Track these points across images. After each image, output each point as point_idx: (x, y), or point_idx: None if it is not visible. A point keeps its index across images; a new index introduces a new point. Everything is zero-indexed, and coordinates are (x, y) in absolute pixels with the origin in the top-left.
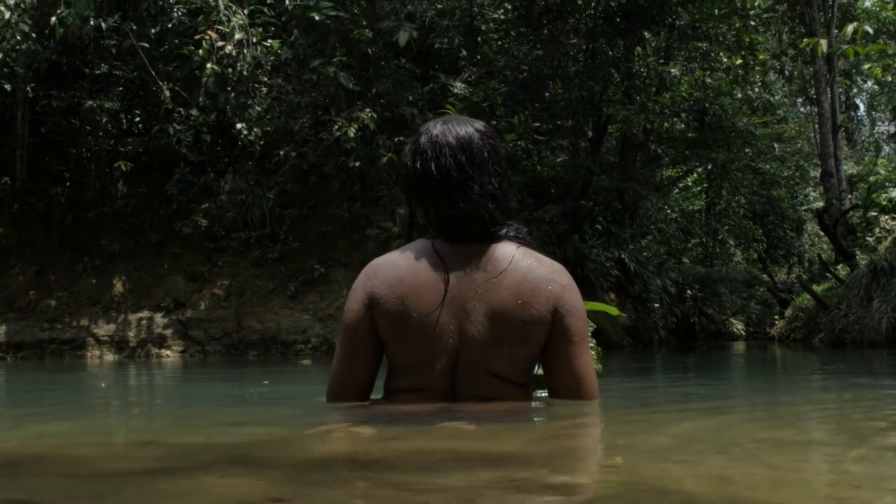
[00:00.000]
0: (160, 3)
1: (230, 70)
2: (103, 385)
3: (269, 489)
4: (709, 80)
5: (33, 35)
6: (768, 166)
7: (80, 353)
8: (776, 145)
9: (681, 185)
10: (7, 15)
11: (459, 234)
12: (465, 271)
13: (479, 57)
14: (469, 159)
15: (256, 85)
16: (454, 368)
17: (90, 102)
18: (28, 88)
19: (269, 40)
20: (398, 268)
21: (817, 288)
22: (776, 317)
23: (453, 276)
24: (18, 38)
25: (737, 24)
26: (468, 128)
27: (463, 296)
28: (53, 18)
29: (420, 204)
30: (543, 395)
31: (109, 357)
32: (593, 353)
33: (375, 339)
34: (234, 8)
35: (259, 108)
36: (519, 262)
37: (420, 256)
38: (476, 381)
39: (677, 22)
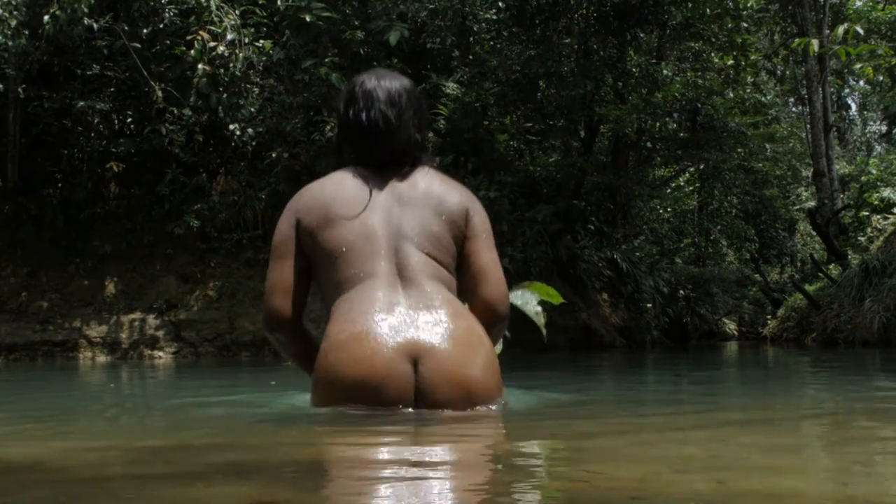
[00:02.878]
0: (152, 3)
1: (222, 70)
2: (112, 386)
3: (259, 493)
4: (700, 81)
5: (25, 32)
6: (760, 165)
7: (72, 354)
8: (768, 146)
9: (673, 184)
10: None
11: (382, 172)
12: (386, 185)
13: (471, 57)
14: (397, 114)
15: (248, 85)
16: (394, 253)
17: (82, 103)
18: (19, 89)
19: (261, 41)
20: (323, 186)
21: (809, 288)
22: (768, 317)
23: (376, 188)
24: (8, 33)
25: (729, 25)
26: (397, 84)
27: (387, 203)
28: (46, 17)
29: (349, 146)
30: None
31: (102, 359)
32: (542, 315)
33: (302, 255)
34: (225, 8)
35: (251, 109)
36: (433, 176)
37: (344, 176)
38: (415, 260)
39: (669, 22)
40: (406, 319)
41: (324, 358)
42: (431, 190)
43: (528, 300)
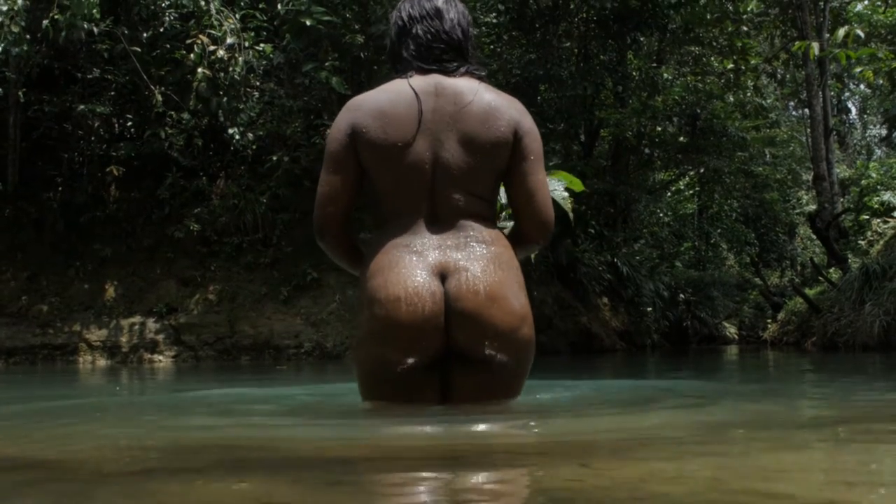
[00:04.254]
0: (152, 7)
1: (222, 74)
2: (118, 388)
3: (258, 490)
4: (700, 85)
5: (27, 37)
6: (760, 169)
7: (72, 358)
8: (767, 150)
9: (673, 188)
10: (0, 19)
11: (427, 57)
12: (436, 105)
13: None
14: (439, 4)
15: (249, 89)
16: (432, 189)
17: (82, 107)
18: (20, 93)
19: (262, 45)
20: (378, 101)
21: (810, 291)
22: (769, 320)
23: (427, 109)
24: (10, 39)
25: (729, 29)
26: None
27: (436, 127)
28: (45, 22)
29: (401, 47)
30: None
31: (102, 362)
32: (569, 199)
33: (357, 164)
34: (225, 12)
35: (251, 113)
36: (482, 94)
37: (397, 92)
38: (453, 199)
39: (669, 26)
40: (436, 247)
41: (364, 284)
42: (480, 109)
43: (555, 187)
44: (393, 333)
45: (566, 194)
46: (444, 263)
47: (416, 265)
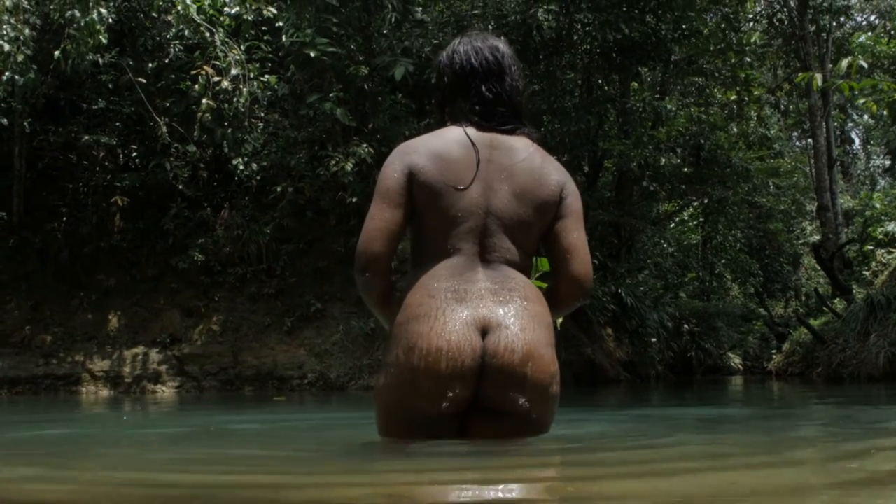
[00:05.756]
0: (157, 38)
1: (227, 105)
2: (125, 418)
3: None
4: (704, 116)
5: (34, 66)
6: (764, 199)
7: (74, 388)
8: (771, 182)
9: (677, 219)
10: (7, 48)
11: (489, 118)
12: (492, 157)
13: None
14: (500, 59)
15: (253, 120)
16: (482, 234)
17: (87, 137)
18: (25, 123)
19: (266, 76)
20: (433, 145)
21: (814, 322)
22: (773, 351)
23: (483, 158)
24: (16, 68)
25: (732, 60)
26: (494, 39)
27: (491, 177)
28: (57, 53)
29: (458, 97)
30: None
31: (104, 393)
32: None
33: (410, 203)
34: (230, 44)
35: (256, 144)
36: (534, 154)
37: (451, 138)
38: (500, 246)
39: (672, 57)
40: (480, 298)
41: (404, 325)
42: (532, 168)
43: None
44: (428, 383)
45: None
46: (487, 319)
47: (460, 317)
